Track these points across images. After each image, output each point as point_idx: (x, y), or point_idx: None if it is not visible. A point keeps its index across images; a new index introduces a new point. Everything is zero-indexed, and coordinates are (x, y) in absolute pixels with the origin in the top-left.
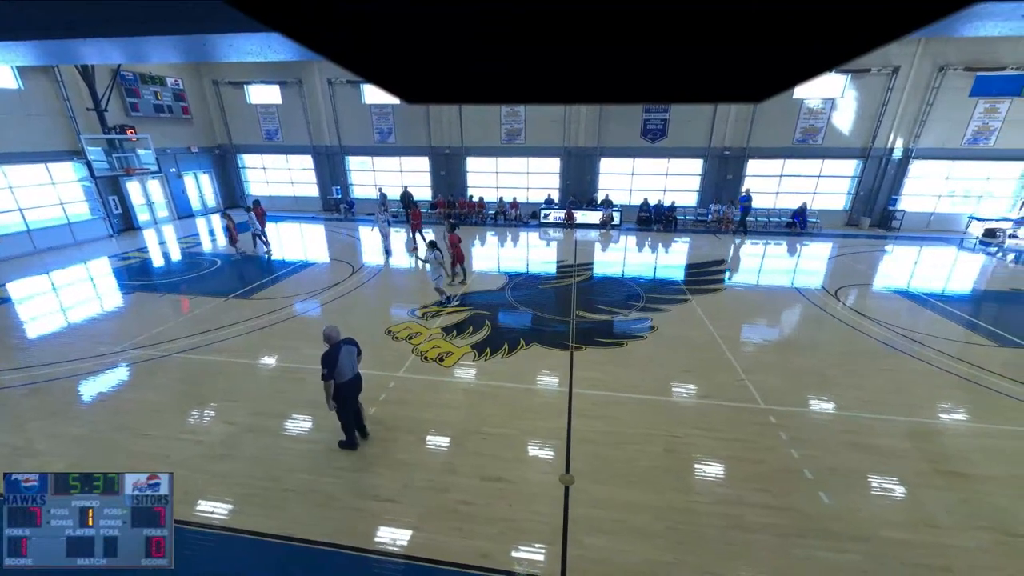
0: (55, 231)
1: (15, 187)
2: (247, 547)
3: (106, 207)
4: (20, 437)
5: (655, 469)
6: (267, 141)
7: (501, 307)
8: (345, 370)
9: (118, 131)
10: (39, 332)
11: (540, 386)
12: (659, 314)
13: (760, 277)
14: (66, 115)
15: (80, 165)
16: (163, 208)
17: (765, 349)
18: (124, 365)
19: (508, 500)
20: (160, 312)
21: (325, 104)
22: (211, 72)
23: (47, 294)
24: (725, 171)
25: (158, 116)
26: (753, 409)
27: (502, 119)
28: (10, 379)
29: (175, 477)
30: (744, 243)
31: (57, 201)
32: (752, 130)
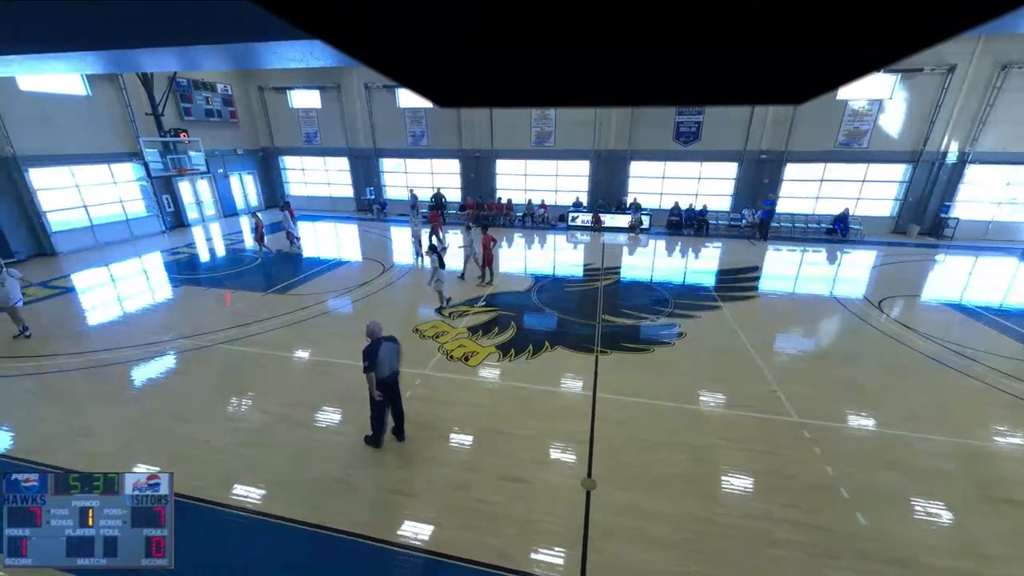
0: (114, 227)
1: (82, 186)
2: (275, 531)
3: (160, 205)
4: (79, 418)
5: (679, 478)
6: (306, 144)
7: (527, 309)
8: (384, 366)
9: (172, 134)
10: (98, 320)
11: (564, 389)
12: (688, 320)
13: (796, 285)
14: (127, 120)
15: (138, 166)
16: (210, 207)
17: (800, 360)
18: (171, 354)
19: (528, 501)
20: (205, 305)
21: (361, 108)
22: (257, 78)
23: (106, 285)
24: (761, 175)
25: (208, 120)
26: (785, 422)
27: (532, 122)
28: (72, 363)
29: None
30: (767, 249)
31: (117, 199)
32: (791, 133)
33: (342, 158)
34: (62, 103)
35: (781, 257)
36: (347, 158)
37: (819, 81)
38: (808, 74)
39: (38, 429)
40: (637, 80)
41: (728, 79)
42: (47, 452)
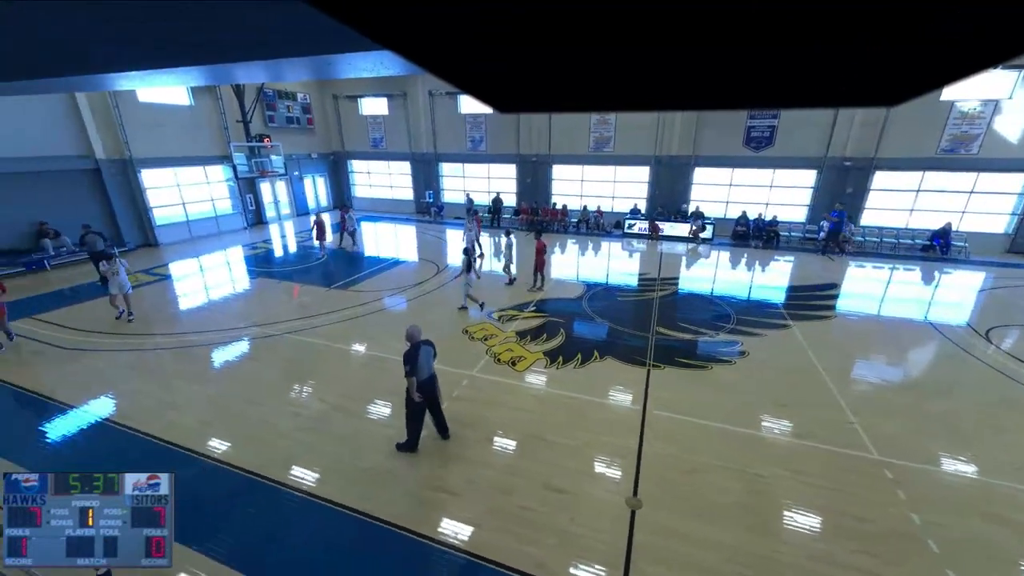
0: (205, 222)
1: (181, 185)
2: (324, 513)
3: (243, 204)
4: (168, 393)
5: (733, 506)
6: (372, 148)
7: (577, 316)
8: (423, 369)
9: (257, 139)
10: (188, 305)
11: (612, 401)
12: (751, 338)
13: (883, 307)
14: (221, 126)
15: (227, 168)
16: (285, 206)
17: (884, 390)
18: (246, 340)
19: (570, 513)
20: (276, 297)
21: (425, 114)
22: (332, 87)
23: (195, 275)
24: (844, 184)
25: (288, 127)
26: (863, 458)
27: (591, 127)
28: (165, 342)
29: (277, 442)
30: (847, 265)
31: (209, 198)
32: (883, 137)
33: (404, 162)
34: (170, 112)
35: (865, 275)
36: (409, 162)
37: (920, 80)
38: (907, 71)
39: (134, 400)
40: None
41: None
42: (141, 420)
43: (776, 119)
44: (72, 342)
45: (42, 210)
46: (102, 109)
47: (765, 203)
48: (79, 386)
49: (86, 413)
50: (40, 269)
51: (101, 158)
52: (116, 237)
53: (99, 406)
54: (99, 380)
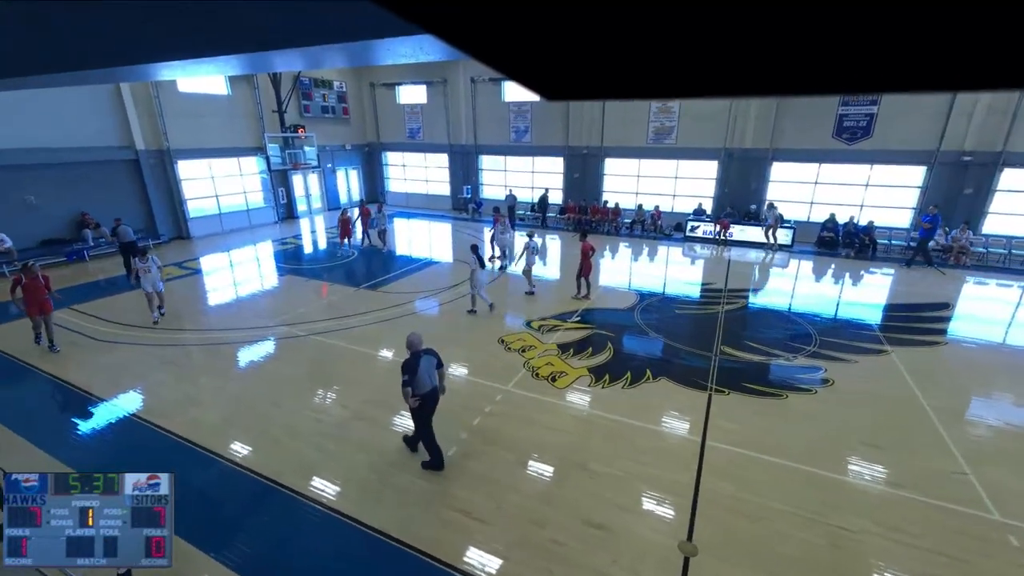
0: (237, 215)
1: (215, 177)
2: (339, 527)
3: (275, 197)
4: (193, 388)
5: (809, 563)
6: (409, 139)
7: (627, 329)
8: (424, 381)
9: (292, 130)
10: (216, 301)
11: (665, 428)
12: (837, 364)
13: (1010, 333)
14: (257, 116)
15: (261, 159)
16: (317, 200)
17: (1008, 436)
18: (272, 339)
19: (612, 554)
20: (304, 295)
21: (466, 102)
22: (369, 75)
23: (225, 270)
24: (961, 183)
25: (323, 116)
26: (979, 518)
27: (651, 116)
28: (193, 338)
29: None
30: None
31: (241, 190)
32: (1014, 128)
33: (442, 154)
34: (208, 102)
35: (987, 293)
36: (447, 154)
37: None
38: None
39: (160, 395)
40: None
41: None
42: (165, 416)
43: (876, 105)
44: (105, 334)
45: (83, 201)
46: (144, 99)
47: (859, 205)
48: (109, 379)
49: (113, 407)
50: (80, 259)
51: (141, 149)
52: (151, 229)
53: (127, 400)
54: (129, 374)
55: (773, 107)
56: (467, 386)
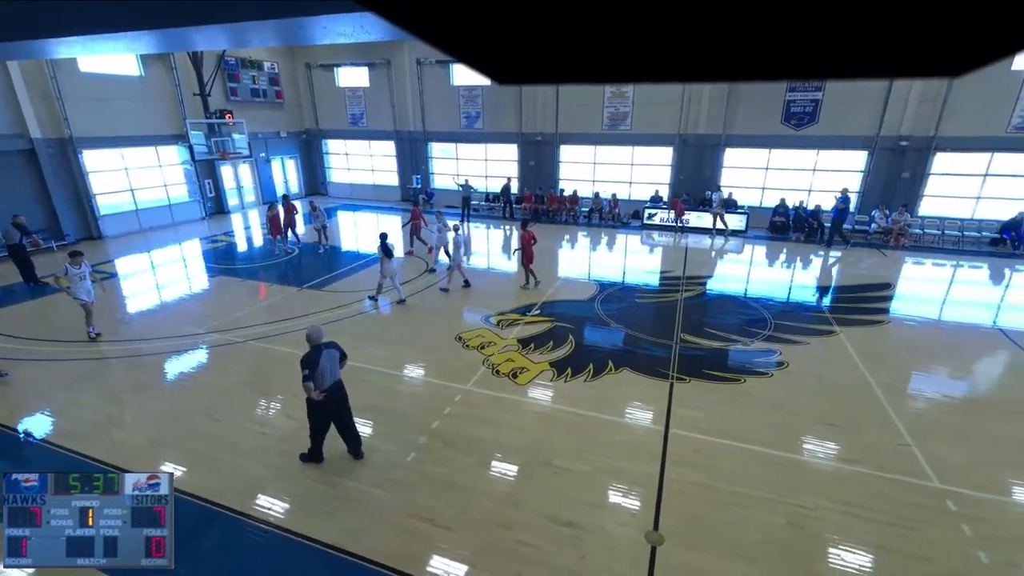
0: (157, 211)
1: (130, 169)
2: (293, 548)
3: (201, 190)
4: (114, 406)
5: (771, 544)
6: (351, 126)
7: (588, 321)
8: (325, 375)
9: (218, 115)
10: (137, 308)
11: (629, 420)
12: (791, 347)
13: (945, 310)
14: (176, 100)
15: (183, 148)
16: (250, 192)
17: (946, 408)
18: (204, 347)
19: (580, 551)
20: (239, 297)
21: (412, 86)
22: (304, 55)
23: (146, 272)
24: (900, 168)
25: (254, 100)
26: (922, 487)
27: (605, 101)
28: (110, 351)
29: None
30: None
31: (162, 183)
32: (944, 114)
33: (388, 142)
34: (117, 84)
35: (924, 273)
36: (394, 142)
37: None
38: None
39: (75, 416)
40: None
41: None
42: (82, 440)
43: (820, 92)
44: (3, 351)
45: None
46: (38, 81)
47: (807, 190)
48: (9, 402)
49: (16, 433)
50: None
51: (36, 137)
52: (54, 228)
53: (34, 424)
54: (34, 394)
55: (725, 93)
56: (424, 388)
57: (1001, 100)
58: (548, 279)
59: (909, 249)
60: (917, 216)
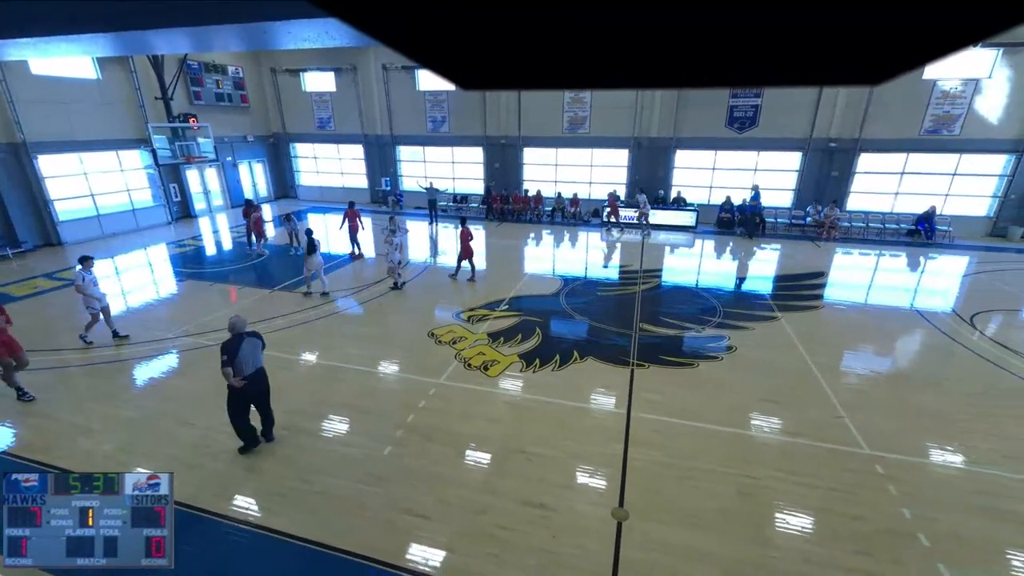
0: (121, 217)
1: (89, 173)
2: (277, 547)
3: (167, 195)
4: (79, 416)
5: (725, 513)
6: (319, 130)
7: (554, 314)
8: (246, 363)
9: (182, 120)
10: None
11: (594, 405)
12: (739, 332)
13: (870, 295)
14: (137, 104)
15: (146, 153)
16: (218, 197)
17: (873, 382)
18: (174, 352)
19: (552, 530)
20: (209, 301)
21: (379, 91)
22: (270, 60)
23: (110, 278)
24: (830, 167)
25: (218, 105)
26: (854, 454)
27: (565, 106)
28: (74, 358)
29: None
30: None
31: (124, 188)
32: (867, 118)
33: (357, 145)
34: (72, 87)
35: (852, 262)
36: (362, 145)
37: (901, 58)
38: (888, 49)
39: (38, 427)
40: (692, 56)
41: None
42: (47, 451)
43: (760, 98)
44: None
45: None
46: None
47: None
48: None
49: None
50: None
51: None
52: (9, 235)
53: None
54: None
55: (675, 99)
56: (399, 383)
57: (915, 106)
58: (515, 276)
59: (839, 240)
60: (845, 211)
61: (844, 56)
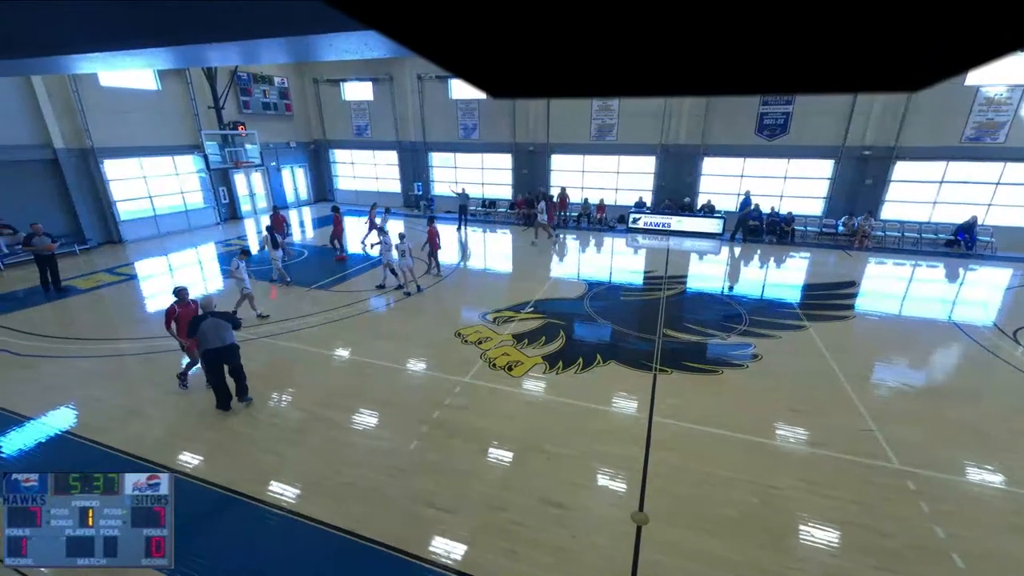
0: (174, 217)
1: (148, 177)
2: (307, 533)
3: (216, 197)
4: (132, 400)
5: (745, 521)
6: (356, 137)
7: (578, 317)
8: (209, 338)
9: (231, 127)
10: (156, 308)
11: (615, 409)
12: (765, 340)
13: (905, 306)
14: (191, 113)
15: (199, 158)
16: (262, 199)
17: (905, 395)
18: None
19: (570, 530)
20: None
21: (413, 100)
22: (312, 71)
23: (164, 274)
24: (863, 175)
25: (265, 113)
26: (883, 468)
27: (593, 114)
28: (130, 348)
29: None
30: (867, 261)
31: (178, 190)
32: (904, 125)
33: (391, 151)
34: (135, 97)
35: (886, 272)
36: (396, 151)
37: (943, 63)
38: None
39: (96, 409)
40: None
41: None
42: (103, 431)
43: (791, 105)
44: (28, 348)
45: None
46: (61, 94)
47: (779, 195)
48: (35, 395)
49: (43, 424)
50: None
51: (60, 147)
52: (76, 233)
53: (57, 417)
54: (57, 388)
55: (703, 106)
56: (426, 380)
57: (956, 113)
58: (541, 279)
59: (872, 250)
60: (879, 220)
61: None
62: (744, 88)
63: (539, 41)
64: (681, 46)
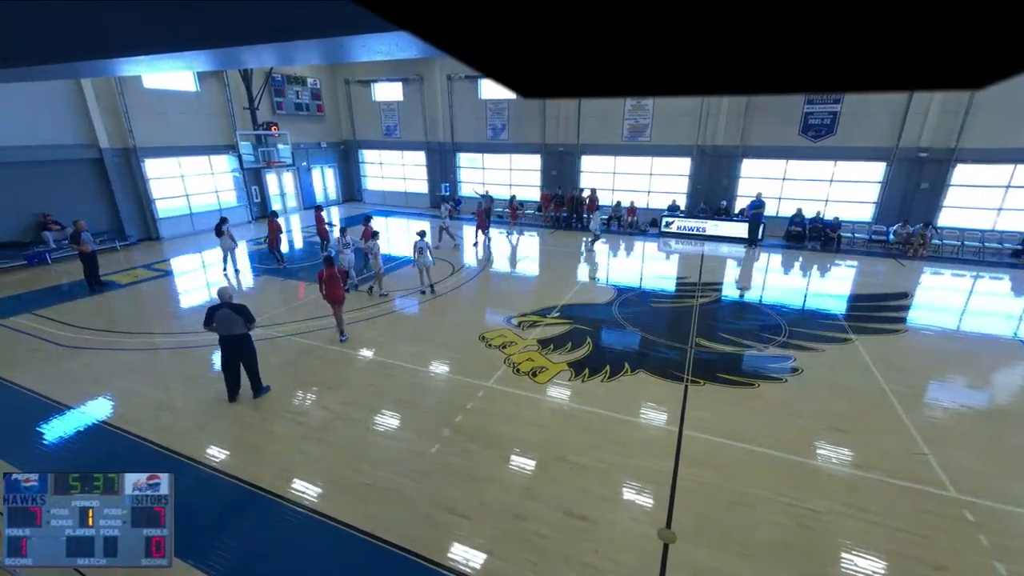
0: (209, 215)
1: (185, 176)
2: (324, 530)
3: (249, 196)
4: (164, 394)
5: (781, 545)
6: (386, 137)
7: (606, 324)
8: (219, 327)
9: (265, 127)
10: (189, 303)
11: (644, 420)
12: (806, 353)
13: (964, 321)
14: (228, 113)
15: (233, 158)
16: (292, 198)
17: (963, 417)
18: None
19: (593, 544)
20: (280, 296)
21: (442, 100)
22: (344, 72)
23: (197, 271)
24: (918, 179)
25: (297, 114)
26: (937, 496)
27: (625, 114)
28: (164, 342)
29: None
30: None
31: (213, 189)
32: (966, 126)
33: (419, 152)
34: (176, 99)
35: (943, 283)
36: (424, 152)
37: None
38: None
39: (130, 401)
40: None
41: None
42: (135, 422)
43: (839, 104)
44: (70, 340)
45: (43, 201)
46: (107, 96)
47: (824, 200)
48: (74, 385)
49: (81, 414)
50: (41, 263)
51: (105, 147)
52: (118, 230)
53: (95, 407)
54: (95, 380)
55: (743, 105)
56: (449, 383)
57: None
58: (567, 283)
59: (927, 259)
60: (937, 227)
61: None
62: (791, 86)
63: (572, 40)
64: (724, 40)
